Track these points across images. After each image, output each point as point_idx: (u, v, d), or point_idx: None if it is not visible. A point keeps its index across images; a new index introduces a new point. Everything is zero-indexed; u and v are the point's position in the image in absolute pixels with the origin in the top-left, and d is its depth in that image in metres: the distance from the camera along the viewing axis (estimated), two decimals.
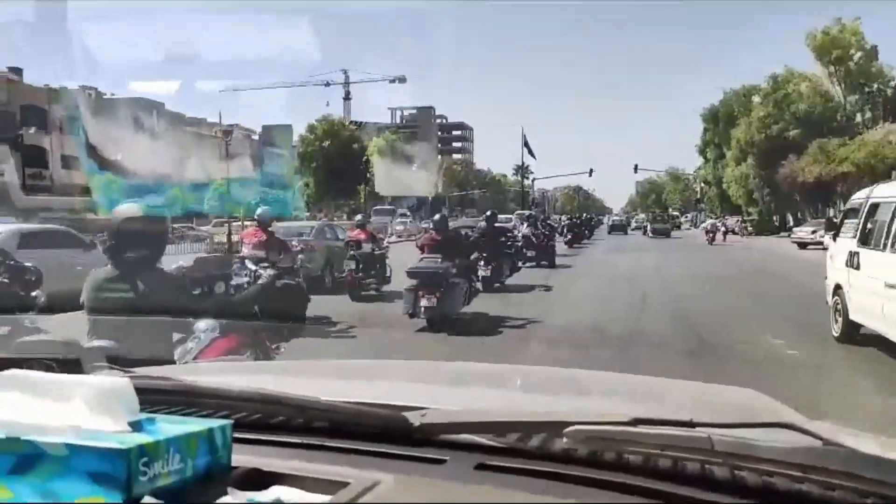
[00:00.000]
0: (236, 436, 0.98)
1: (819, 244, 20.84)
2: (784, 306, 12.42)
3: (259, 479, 0.97)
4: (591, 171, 71.17)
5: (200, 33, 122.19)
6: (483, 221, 17.26)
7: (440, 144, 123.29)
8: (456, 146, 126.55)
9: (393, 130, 74.55)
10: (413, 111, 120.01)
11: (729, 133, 48.93)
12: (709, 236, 37.33)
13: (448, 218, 18.87)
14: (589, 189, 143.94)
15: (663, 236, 46.98)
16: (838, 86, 42.42)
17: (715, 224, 41.71)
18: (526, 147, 68.83)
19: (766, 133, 42.77)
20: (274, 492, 0.94)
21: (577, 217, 46.67)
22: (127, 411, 0.90)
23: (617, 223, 61.02)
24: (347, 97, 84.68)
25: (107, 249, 3.71)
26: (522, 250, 19.57)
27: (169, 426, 0.90)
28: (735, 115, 48.27)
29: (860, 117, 42.36)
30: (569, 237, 32.91)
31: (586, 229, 42.55)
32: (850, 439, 1.01)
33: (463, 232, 15.42)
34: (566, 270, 20.74)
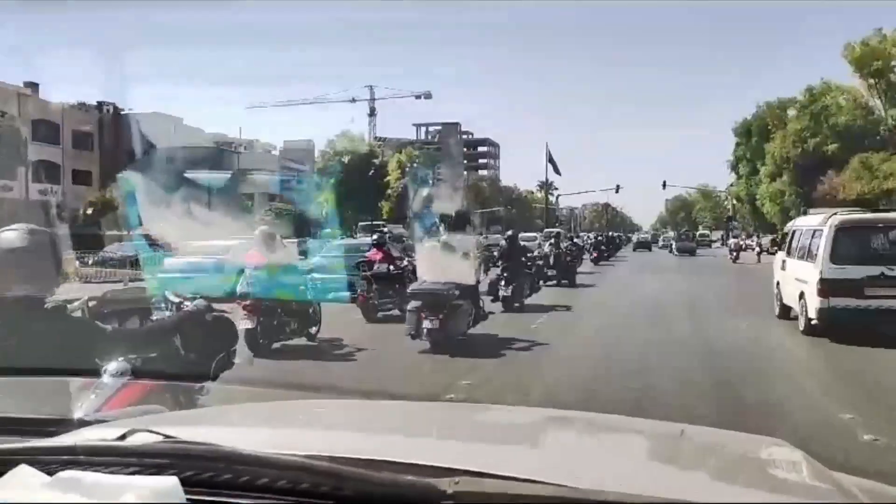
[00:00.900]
0: None
1: None
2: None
3: None
4: (618, 188, 70.79)
5: (225, 50, 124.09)
6: (504, 240, 17.08)
7: (466, 161, 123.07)
8: (482, 163, 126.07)
9: (417, 146, 74.12)
10: (438, 127, 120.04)
11: (762, 148, 47.47)
12: (732, 255, 37.17)
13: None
14: (618, 206, 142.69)
15: (688, 254, 47.07)
16: (879, 98, 40.84)
17: (738, 243, 40.62)
18: (551, 163, 68.06)
19: (803, 147, 41.26)
20: None
21: (603, 235, 47.58)
22: None
23: (641, 241, 64.77)
24: (372, 113, 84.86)
25: None
26: (543, 269, 19.53)
27: None
28: (769, 129, 46.77)
29: None
30: (594, 255, 34.14)
31: (612, 247, 43.97)
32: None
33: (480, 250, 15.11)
34: (586, 290, 20.50)
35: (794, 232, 13.05)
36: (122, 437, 1.19)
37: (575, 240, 31.03)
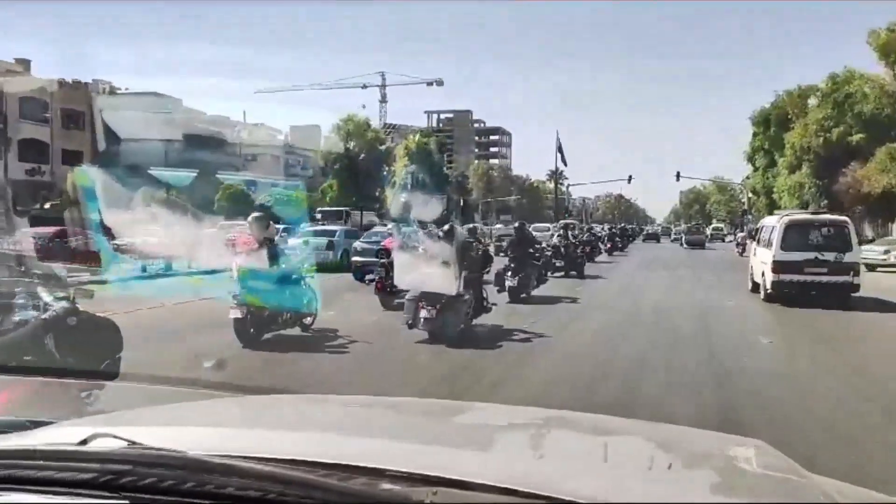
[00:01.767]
0: None
1: (894, 267, 21.58)
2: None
3: None
4: (630, 178, 70.19)
5: (233, 33, 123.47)
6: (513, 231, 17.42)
7: (477, 149, 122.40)
8: (493, 151, 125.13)
9: (427, 133, 73.14)
10: (450, 115, 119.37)
11: (781, 138, 45.96)
12: (739, 248, 38.19)
13: (476, 228, 19.98)
14: (631, 198, 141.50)
15: (698, 247, 49.71)
16: None
17: (745, 237, 39.68)
18: (559, 152, 66.94)
19: (825, 137, 39.68)
20: None
21: (617, 228, 51.42)
22: None
23: (650, 233, 73.04)
24: (384, 100, 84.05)
25: None
26: (551, 260, 19.83)
27: None
28: (789, 119, 45.20)
29: None
30: (608, 246, 37.42)
31: (626, 238, 48.75)
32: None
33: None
34: (593, 282, 20.88)
35: (761, 228, 17.70)
36: (84, 442, 1.16)
37: (593, 230, 34.98)
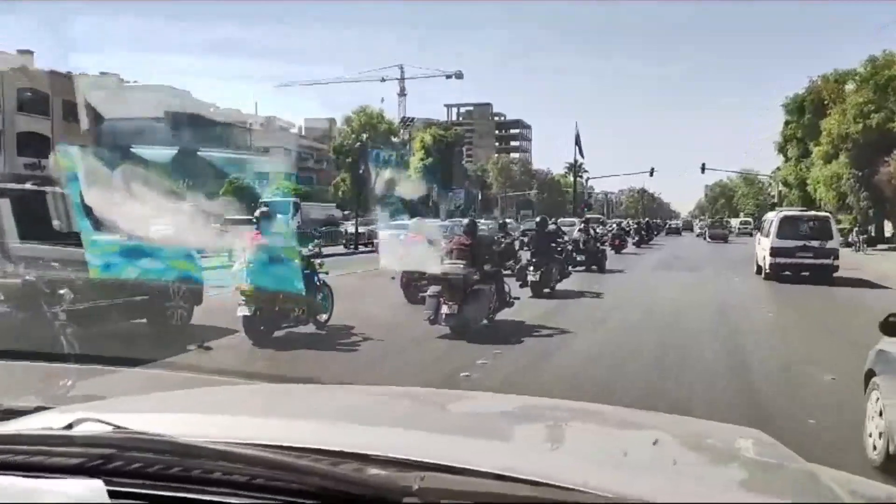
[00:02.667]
0: None
1: None
2: None
3: None
4: (653, 171, 68.11)
5: (252, 27, 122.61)
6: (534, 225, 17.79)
7: (497, 142, 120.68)
8: (514, 145, 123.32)
9: (445, 126, 71.63)
10: (470, 108, 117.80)
11: (816, 126, 43.77)
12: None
13: (506, 223, 22.66)
14: (655, 192, 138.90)
15: (721, 241, 50.37)
16: None
17: None
18: (577, 145, 65.14)
19: (865, 123, 37.52)
20: None
21: (644, 222, 52.92)
22: None
23: (673, 228, 76.09)
24: (402, 93, 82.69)
25: None
26: (573, 255, 20.14)
27: None
28: (825, 104, 42.96)
29: None
30: (636, 239, 40.50)
31: (652, 232, 51.43)
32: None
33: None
34: (613, 276, 21.14)
35: (764, 221, 23.15)
36: (69, 427, 1.16)
37: (622, 224, 39.51)
